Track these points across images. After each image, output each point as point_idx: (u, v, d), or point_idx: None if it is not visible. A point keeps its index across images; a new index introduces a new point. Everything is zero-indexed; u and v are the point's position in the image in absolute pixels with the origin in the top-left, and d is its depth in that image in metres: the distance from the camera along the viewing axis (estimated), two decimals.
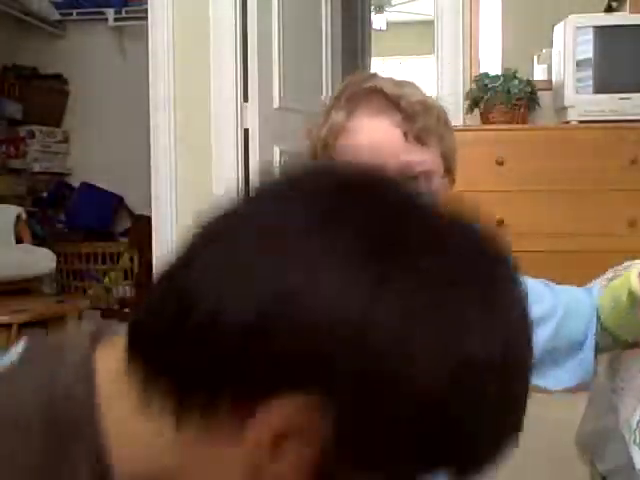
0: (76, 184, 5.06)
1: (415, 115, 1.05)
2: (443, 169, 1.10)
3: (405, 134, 1.05)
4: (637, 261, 1.12)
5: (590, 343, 1.14)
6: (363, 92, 1.09)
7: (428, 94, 1.13)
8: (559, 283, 1.22)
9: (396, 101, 1.06)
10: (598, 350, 1.15)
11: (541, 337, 1.12)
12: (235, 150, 3.28)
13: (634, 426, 1.06)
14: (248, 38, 3.28)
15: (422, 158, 1.06)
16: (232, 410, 0.47)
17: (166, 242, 3.31)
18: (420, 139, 1.06)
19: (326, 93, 3.63)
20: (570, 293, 1.18)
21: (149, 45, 3.40)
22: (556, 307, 1.14)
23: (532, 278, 1.17)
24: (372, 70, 5.59)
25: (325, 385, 0.46)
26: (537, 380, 1.14)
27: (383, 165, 0.52)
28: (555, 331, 1.13)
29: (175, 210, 3.36)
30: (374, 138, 1.07)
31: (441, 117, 1.10)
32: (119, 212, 5.07)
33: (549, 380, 1.15)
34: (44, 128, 4.95)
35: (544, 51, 3.51)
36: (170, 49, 3.35)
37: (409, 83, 1.12)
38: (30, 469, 0.49)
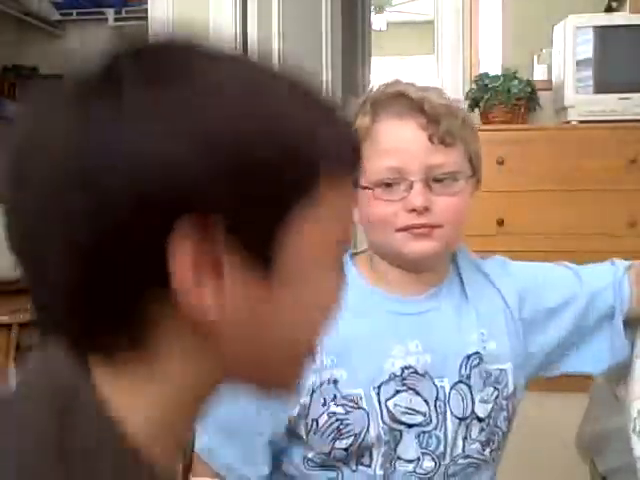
0: None
1: (439, 118, 1.07)
2: (470, 171, 1.11)
3: (430, 137, 1.07)
4: None
5: (618, 322, 1.16)
6: (387, 96, 1.11)
7: (453, 98, 1.14)
8: None
9: (420, 104, 1.08)
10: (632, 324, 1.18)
11: (566, 322, 1.16)
12: None
13: (634, 414, 1.08)
14: (248, 39, 3.29)
15: (447, 160, 1.08)
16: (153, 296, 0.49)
17: None
18: (445, 141, 1.07)
19: (326, 93, 3.63)
20: (593, 275, 1.20)
21: None
22: (578, 293, 1.17)
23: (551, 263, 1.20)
24: (372, 70, 5.59)
25: (195, 197, 0.47)
26: (578, 367, 1.19)
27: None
28: (581, 314, 1.16)
29: None
30: (400, 141, 1.09)
31: (466, 120, 1.12)
32: None
33: (588, 364, 1.19)
34: None
35: (544, 51, 3.51)
36: None
37: (433, 88, 1.14)
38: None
